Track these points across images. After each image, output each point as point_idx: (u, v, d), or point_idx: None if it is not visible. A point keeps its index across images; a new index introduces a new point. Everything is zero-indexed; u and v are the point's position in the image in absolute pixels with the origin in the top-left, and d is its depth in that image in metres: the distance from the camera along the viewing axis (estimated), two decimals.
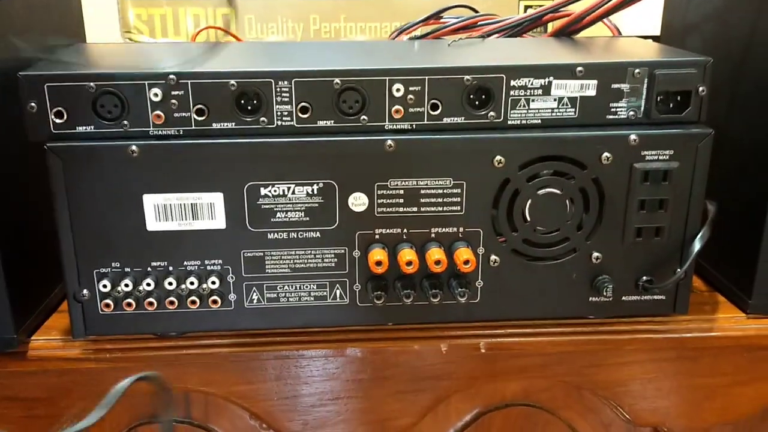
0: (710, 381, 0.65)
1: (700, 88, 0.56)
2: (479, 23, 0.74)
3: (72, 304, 0.57)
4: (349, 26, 1.07)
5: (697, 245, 0.59)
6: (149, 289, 0.57)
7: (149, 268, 0.57)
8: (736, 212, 0.64)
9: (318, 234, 0.58)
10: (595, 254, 0.60)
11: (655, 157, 0.57)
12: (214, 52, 0.64)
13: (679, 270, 0.60)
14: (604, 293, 0.60)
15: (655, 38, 0.72)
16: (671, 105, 0.57)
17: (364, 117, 0.55)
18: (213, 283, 0.57)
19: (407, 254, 0.57)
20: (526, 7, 1.05)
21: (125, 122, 0.54)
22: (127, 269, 0.57)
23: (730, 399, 0.66)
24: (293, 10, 1.05)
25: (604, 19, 0.69)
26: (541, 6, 0.73)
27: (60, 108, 0.53)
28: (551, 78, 0.56)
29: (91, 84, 0.52)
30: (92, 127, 0.54)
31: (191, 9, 1.04)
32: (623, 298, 0.61)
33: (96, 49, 0.64)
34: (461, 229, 0.58)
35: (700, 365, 0.65)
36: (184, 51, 0.64)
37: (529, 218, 0.58)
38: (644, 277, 0.61)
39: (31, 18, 0.62)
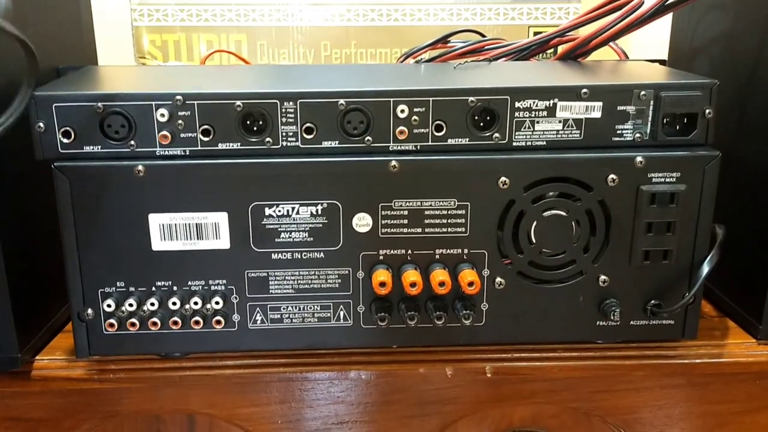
0: (721, 408, 0.64)
1: (707, 111, 0.56)
2: (486, 47, 0.75)
3: (76, 324, 0.57)
4: (359, 52, 1.08)
5: (705, 269, 0.58)
6: (153, 308, 0.57)
7: (153, 288, 0.57)
8: (745, 236, 0.63)
9: (322, 255, 0.58)
10: (602, 277, 0.59)
11: (662, 180, 0.57)
12: (221, 74, 0.65)
13: (687, 294, 0.59)
14: (612, 317, 0.59)
15: (663, 62, 0.72)
16: (678, 127, 0.57)
17: (368, 138, 0.55)
18: (217, 303, 0.57)
19: (411, 275, 0.57)
20: (536, 33, 1.06)
21: (132, 142, 0.54)
22: (132, 289, 0.57)
23: (742, 426, 0.65)
24: (305, 36, 1.06)
25: (611, 43, 0.69)
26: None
27: (68, 128, 0.53)
28: (556, 100, 0.55)
29: (99, 104, 0.53)
30: (99, 147, 0.54)
31: (204, 35, 1.06)
32: (631, 322, 0.61)
33: (106, 71, 0.65)
34: (466, 251, 0.58)
35: (710, 392, 0.64)
36: (191, 73, 0.65)
37: (534, 240, 0.58)
38: (652, 301, 0.60)
39: (44, 42, 0.63)
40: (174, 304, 0.57)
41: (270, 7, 1.05)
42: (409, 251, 0.58)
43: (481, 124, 0.56)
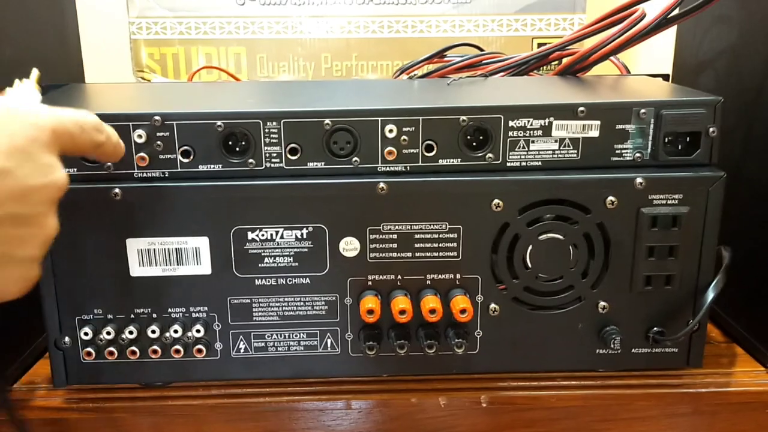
0: None
1: (711, 129, 0.53)
2: (484, 62, 0.72)
3: (53, 352, 0.55)
4: (360, 65, 1.06)
5: (710, 294, 0.55)
6: (132, 337, 0.55)
7: (132, 315, 0.55)
8: (754, 259, 0.60)
9: (308, 280, 0.55)
10: (602, 303, 0.56)
11: (664, 201, 0.54)
12: (205, 91, 0.63)
13: (691, 321, 0.56)
14: (612, 345, 0.57)
15: (666, 77, 0.69)
16: (680, 146, 0.54)
17: (355, 159, 0.53)
18: (198, 331, 0.55)
19: (400, 302, 0.54)
20: (540, 45, 1.04)
21: (109, 164, 0.52)
22: (110, 316, 0.55)
23: None
24: (305, 49, 1.04)
25: (612, 58, 0.66)
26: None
27: None
28: (552, 118, 0.53)
29: None
30: (75, 169, 0.52)
31: (203, 48, 1.04)
32: (633, 350, 0.58)
33: (88, 89, 0.63)
34: (458, 276, 0.55)
35: (718, 421, 0.61)
36: (175, 91, 0.63)
37: (530, 265, 0.55)
38: (655, 328, 0.57)
39: (27, 60, 0.61)
40: (153, 332, 0.55)
41: (270, 20, 1.03)
42: (399, 276, 0.56)
43: (474, 143, 0.54)
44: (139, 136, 0.51)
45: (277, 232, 0.54)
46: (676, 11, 0.61)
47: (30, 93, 0.41)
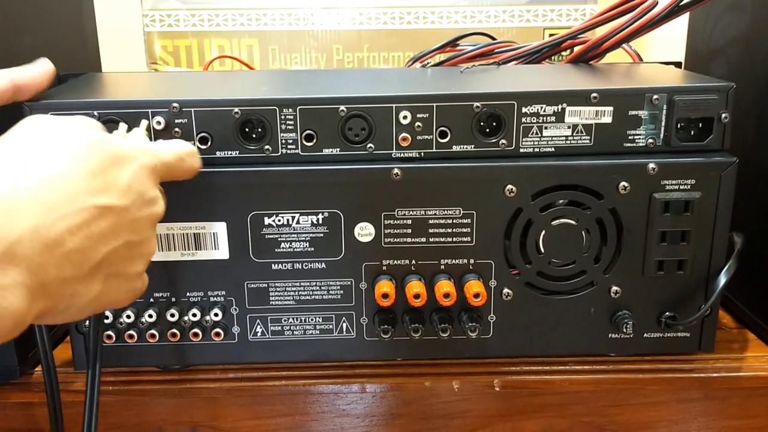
0: (741, 423, 0.62)
1: (723, 115, 0.54)
2: (496, 50, 0.73)
3: (74, 336, 0.56)
4: (372, 56, 1.07)
5: (722, 279, 0.56)
6: (151, 320, 0.56)
7: (151, 300, 0.56)
8: (766, 245, 0.61)
9: (323, 265, 0.56)
10: (614, 288, 0.57)
11: (676, 187, 0.54)
12: (222, 80, 0.64)
13: (703, 306, 0.56)
14: (624, 330, 0.57)
15: (679, 64, 0.69)
16: (692, 132, 0.55)
17: (370, 145, 0.54)
18: (216, 315, 0.56)
19: (415, 287, 0.55)
20: (551, 35, 1.04)
21: None
22: None
23: None
24: (317, 40, 1.05)
25: (624, 45, 0.67)
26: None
27: None
28: (564, 104, 0.54)
29: (95, 112, 0.52)
30: None
31: (216, 40, 1.05)
32: (645, 335, 0.58)
33: (106, 78, 0.64)
34: (472, 261, 0.56)
35: (729, 406, 0.61)
36: (191, 79, 0.64)
37: (543, 250, 0.56)
38: (667, 313, 0.58)
39: (44, 49, 0.62)
40: (172, 315, 0.56)
41: (282, 12, 1.04)
42: (413, 261, 0.56)
43: (487, 130, 0.54)
44: (158, 123, 0.52)
45: (293, 218, 0.55)
46: None
47: (142, 137, 0.49)
